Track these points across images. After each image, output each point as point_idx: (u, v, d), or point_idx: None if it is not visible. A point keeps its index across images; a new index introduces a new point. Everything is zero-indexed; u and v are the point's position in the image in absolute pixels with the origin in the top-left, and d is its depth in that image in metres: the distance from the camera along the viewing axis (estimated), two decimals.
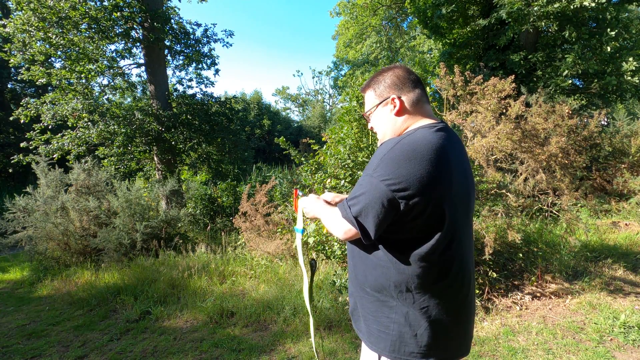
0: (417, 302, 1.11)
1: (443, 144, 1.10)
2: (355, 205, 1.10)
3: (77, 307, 3.97)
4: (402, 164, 1.03)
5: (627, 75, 7.09)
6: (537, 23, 7.06)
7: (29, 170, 8.41)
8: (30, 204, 5.60)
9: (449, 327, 1.13)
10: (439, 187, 1.05)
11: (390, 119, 1.24)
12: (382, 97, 1.26)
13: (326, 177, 3.92)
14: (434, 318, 1.11)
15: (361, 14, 18.41)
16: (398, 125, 1.23)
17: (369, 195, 1.06)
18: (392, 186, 1.03)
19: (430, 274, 1.10)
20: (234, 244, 5.51)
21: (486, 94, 3.95)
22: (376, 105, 1.28)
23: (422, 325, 1.11)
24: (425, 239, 1.08)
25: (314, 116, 35.71)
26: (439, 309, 1.11)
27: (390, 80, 1.25)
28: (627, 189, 6.74)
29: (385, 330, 1.15)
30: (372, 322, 1.20)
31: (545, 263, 4.00)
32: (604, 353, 2.66)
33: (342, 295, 3.55)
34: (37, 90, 15.79)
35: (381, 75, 1.28)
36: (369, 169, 1.09)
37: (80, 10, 7.29)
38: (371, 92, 1.30)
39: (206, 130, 8.88)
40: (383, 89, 1.26)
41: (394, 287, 1.12)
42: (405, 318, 1.12)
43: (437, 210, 1.06)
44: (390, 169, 1.04)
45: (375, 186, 1.05)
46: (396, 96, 1.22)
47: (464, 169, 1.18)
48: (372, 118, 1.31)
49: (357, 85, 4.09)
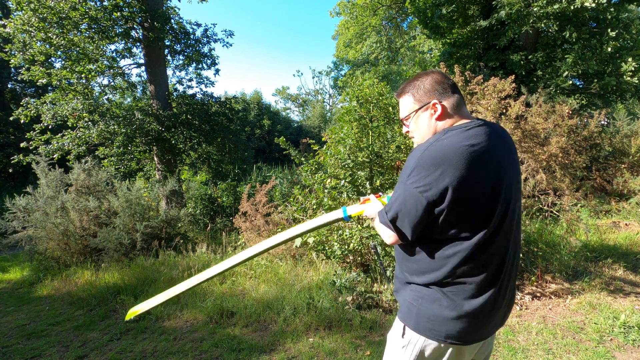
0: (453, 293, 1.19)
1: (471, 143, 1.12)
2: (390, 211, 1.20)
3: (77, 307, 3.97)
4: (431, 170, 1.09)
5: (627, 76, 7.09)
6: (537, 24, 7.06)
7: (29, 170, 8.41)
8: (30, 204, 5.60)
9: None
10: (472, 189, 1.10)
11: (432, 124, 1.27)
12: (421, 102, 1.28)
13: (326, 177, 3.92)
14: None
15: (361, 14, 18.40)
16: (439, 129, 1.26)
17: (403, 201, 1.16)
18: (424, 192, 1.10)
19: (469, 269, 1.16)
20: (234, 244, 5.51)
21: (486, 94, 3.96)
22: (415, 111, 1.30)
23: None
24: (461, 237, 1.14)
25: (314, 116, 35.70)
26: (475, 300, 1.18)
27: (429, 85, 1.27)
28: (627, 189, 6.75)
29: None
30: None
31: (545, 263, 4.00)
32: (604, 353, 2.66)
33: (342, 295, 3.55)
34: (37, 90, 15.79)
35: (419, 80, 1.30)
36: (403, 176, 1.18)
37: (81, 11, 7.29)
38: (409, 97, 1.32)
39: (206, 130, 8.88)
40: (422, 94, 1.28)
41: (434, 278, 1.20)
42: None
43: (471, 210, 1.12)
44: (420, 176, 1.11)
45: (408, 192, 1.14)
46: (437, 101, 1.25)
47: (504, 165, 1.18)
48: (410, 123, 1.33)
49: (358, 86, 4.09)
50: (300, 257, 4.69)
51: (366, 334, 3.05)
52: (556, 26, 7.49)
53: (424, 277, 1.22)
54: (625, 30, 7.34)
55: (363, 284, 3.65)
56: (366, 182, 3.81)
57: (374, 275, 3.80)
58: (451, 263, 1.16)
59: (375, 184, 3.82)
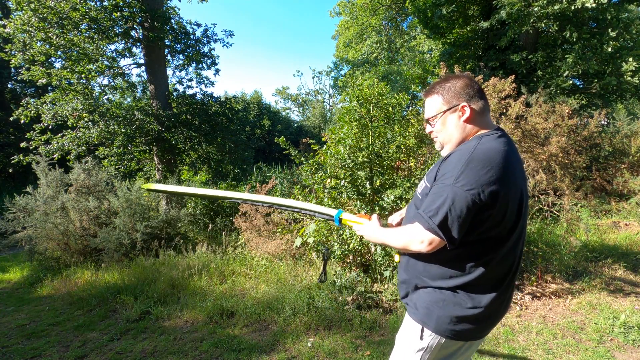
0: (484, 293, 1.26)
1: (508, 150, 1.20)
2: (437, 215, 1.16)
3: (77, 307, 3.97)
4: (481, 172, 1.13)
5: (627, 76, 7.09)
6: (537, 24, 7.05)
7: (29, 170, 8.41)
8: (30, 204, 5.60)
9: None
10: (511, 191, 1.17)
11: (460, 125, 1.31)
12: (450, 103, 1.31)
13: (326, 177, 3.92)
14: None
15: (361, 14, 18.41)
16: (466, 132, 1.31)
17: (452, 203, 1.14)
18: (476, 194, 1.12)
19: (497, 269, 1.24)
20: (234, 244, 5.51)
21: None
22: (444, 112, 1.32)
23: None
24: (493, 240, 1.21)
25: (314, 116, 35.69)
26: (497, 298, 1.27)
27: (460, 87, 1.31)
28: (627, 189, 6.74)
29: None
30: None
31: (545, 263, 4.00)
32: (604, 353, 2.66)
33: (342, 295, 3.55)
34: (37, 90, 15.79)
35: (449, 82, 1.33)
36: (448, 180, 1.17)
37: (81, 11, 7.29)
38: (438, 97, 1.34)
39: (206, 130, 8.88)
40: (452, 96, 1.31)
41: (456, 280, 1.25)
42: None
43: (508, 215, 1.19)
44: (471, 178, 1.13)
45: (458, 195, 1.13)
46: (467, 104, 1.29)
47: (522, 170, 1.30)
48: (436, 123, 1.35)
49: (357, 85, 4.08)
50: (300, 257, 4.69)
51: (366, 334, 3.05)
52: (556, 26, 7.49)
53: (451, 280, 1.25)
54: (625, 30, 7.34)
55: (363, 284, 3.65)
56: (366, 182, 3.81)
57: (374, 275, 3.80)
58: (483, 264, 1.22)
59: (375, 184, 3.82)
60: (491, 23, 7.72)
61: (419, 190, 1.39)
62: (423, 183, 1.38)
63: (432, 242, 1.18)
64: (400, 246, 1.28)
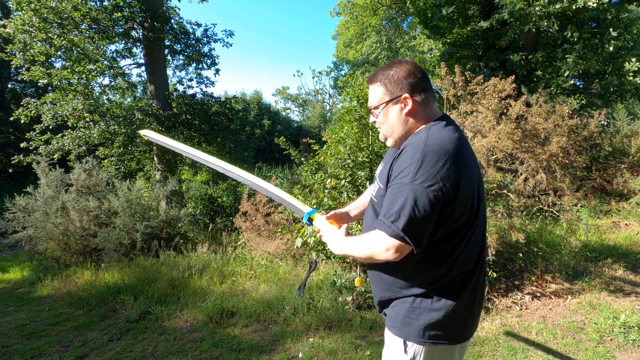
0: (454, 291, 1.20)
1: (458, 136, 1.15)
2: (399, 220, 1.05)
3: (77, 307, 3.97)
4: (438, 166, 1.04)
5: (629, 76, 7.09)
6: (538, 23, 7.05)
7: (29, 170, 8.40)
8: (30, 204, 5.60)
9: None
10: (468, 179, 1.11)
11: (402, 118, 1.23)
12: (393, 94, 1.22)
13: (326, 177, 3.92)
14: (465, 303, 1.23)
15: (361, 14, 18.40)
16: (409, 124, 1.23)
17: (414, 203, 1.04)
18: (436, 191, 1.03)
19: (465, 261, 1.18)
20: (234, 244, 5.51)
21: (487, 94, 3.95)
22: (386, 103, 1.24)
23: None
24: (458, 234, 1.14)
25: (314, 116, 35.69)
26: (467, 295, 1.21)
27: (402, 76, 1.21)
28: (627, 189, 6.74)
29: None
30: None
31: (545, 263, 4.00)
32: (604, 353, 2.66)
33: (342, 295, 3.55)
34: (38, 90, 15.79)
35: (392, 70, 1.23)
36: (405, 177, 1.07)
37: (82, 11, 7.30)
38: (380, 87, 1.25)
39: (206, 130, 8.88)
40: (394, 86, 1.22)
41: (428, 283, 1.19)
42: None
43: (469, 205, 1.12)
44: (430, 173, 1.04)
45: (420, 193, 1.03)
46: (409, 95, 1.20)
47: (473, 154, 1.24)
48: (379, 114, 1.27)
49: (358, 85, 4.08)
50: (300, 257, 4.69)
51: (366, 334, 3.05)
52: (557, 26, 7.49)
53: (422, 285, 1.19)
54: (625, 30, 7.35)
55: (363, 284, 3.65)
56: (366, 182, 3.81)
57: None
58: (452, 262, 1.16)
59: None
60: (491, 23, 7.72)
61: (373, 194, 1.29)
62: (376, 185, 1.29)
63: (399, 249, 1.07)
64: (364, 256, 1.17)
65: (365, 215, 1.41)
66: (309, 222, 1.53)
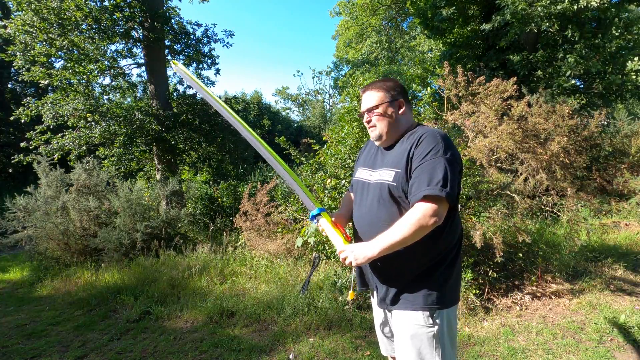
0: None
1: None
2: (448, 186, 1.28)
3: (77, 307, 3.97)
4: (453, 145, 1.38)
5: (632, 75, 7.08)
6: (540, 24, 7.04)
7: (29, 170, 8.41)
8: (30, 204, 5.60)
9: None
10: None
11: (397, 117, 1.52)
12: (392, 97, 1.51)
13: (326, 177, 3.92)
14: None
15: (361, 14, 18.40)
16: (403, 122, 1.53)
17: (453, 173, 1.31)
18: (459, 163, 1.38)
19: (459, 229, 1.50)
20: (234, 244, 5.51)
21: (489, 95, 3.95)
22: (388, 102, 1.50)
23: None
24: (458, 202, 1.45)
25: (314, 116, 35.64)
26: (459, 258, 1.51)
27: (398, 86, 1.54)
28: (627, 189, 6.74)
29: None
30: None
31: (545, 263, 4.00)
32: (604, 353, 2.66)
33: (342, 295, 3.55)
34: (38, 90, 15.78)
35: (389, 81, 1.56)
36: (435, 154, 1.32)
37: (84, 11, 7.30)
38: (380, 91, 1.52)
39: (206, 130, 8.88)
40: (393, 92, 1.52)
41: (441, 251, 1.43)
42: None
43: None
44: (452, 149, 1.36)
45: (452, 163, 1.32)
46: (403, 100, 1.54)
47: None
48: (378, 112, 1.51)
49: (358, 85, 4.08)
50: (300, 257, 4.69)
51: (366, 334, 3.05)
52: (557, 26, 7.49)
53: (438, 253, 1.40)
54: (626, 30, 7.35)
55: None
56: None
57: None
58: (454, 226, 1.44)
59: None
60: (493, 25, 7.71)
61: (390, 180, 1.42)
62: (386, 172, 1.45)
63: (444, 210, 1.30)
64: (410, 234, 1.28)
65: (369, 202, 1.51)
66: (315, 220, 1.60)
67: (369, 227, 1.49)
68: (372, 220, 1.47)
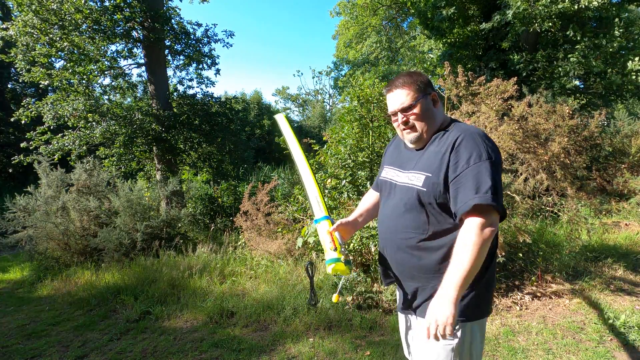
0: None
1: None
2: (497, 192, 1.19)
3: (77, 307, 3.97)
4: (494, 145, 1.29)
5: (632, 75, 7.08)
6: (541, 24, 7.04)
7: (29, 170, 8.40)
8: (30, 204, 5.60)
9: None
10: None
11: (435, 110, 1.41)
12: (425, 92, 1.38)
13: (327, 177, 3.92)
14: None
15: (361, 14, 18.39)
16: (438, 118, 1.41)
17: (498, 176, 1.23)
18: (501, 162, 1.28)
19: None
20: (235, 244, 5.51)
21: (489, 95, 3.95)
22: (422, 98, 1.37)
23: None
24: None
25: (314, 116, 35.64)
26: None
27: (426, 80, 1.41)
28: (627, 189, 6.74)
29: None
30: None
31: (545, 263, 4.00)
32: (604, 353, 2.66)
33: (342, 296, 3.55)
34: (38, 90, 15.78)
35: (415, 75, 1.41)
36: (478, 157, 1.22)
37: (84, 12, 7.30)
38: (410, 89, 1.37)
39: (206, 130, 8.88)
40: (424, 86, 1.39)
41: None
42: None
43: None
44: (493, 148, 1.27)
45: (495, 166, 1.23)
46: (435, 93, 1.42)
47: None
48: (416, 110, 1.37)
49: (358, 86, 4.08)
50: (301, 257, 4.69)
51: (366, 334, 3.05)
52: (558, 25, 7.49)
53: (492, 256, 1.33)
54: (626, 29, 7.35)
55: (363, 284, 3.65)
56: (367, 182, 3.81)
57: (374, 275, 3.80)
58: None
59: None
60: (493, 25, 7.71)
61: (413, 182, 1.34)
62: (416, 175, 1.34)
63: (497, 217, 1.21)
64: (477, 253, 1.14)
65: (394, 205, 1.43)
66: (317, 223, 1.60)
67: (391, 234, 1.43)
68: (396, 226, 1.40)
